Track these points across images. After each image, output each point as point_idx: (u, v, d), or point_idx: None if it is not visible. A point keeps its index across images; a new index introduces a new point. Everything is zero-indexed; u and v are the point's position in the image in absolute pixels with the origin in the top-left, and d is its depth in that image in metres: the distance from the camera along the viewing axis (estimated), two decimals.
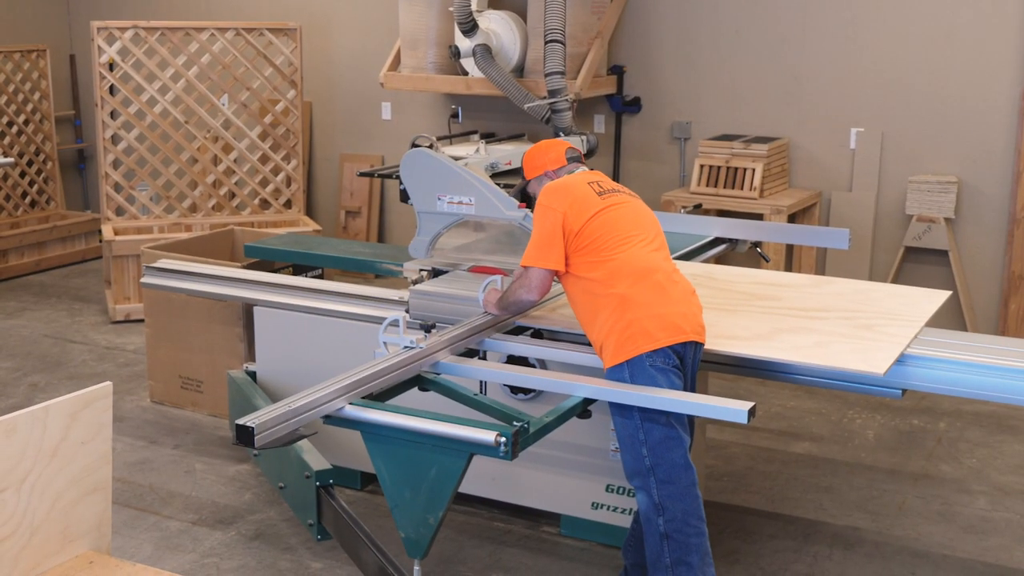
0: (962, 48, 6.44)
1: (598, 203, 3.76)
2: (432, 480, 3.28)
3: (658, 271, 3.67)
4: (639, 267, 3.64)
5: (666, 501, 3.56)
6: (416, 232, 4.68)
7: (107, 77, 7.58)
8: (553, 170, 4.03)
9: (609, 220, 3.73)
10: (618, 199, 3.82)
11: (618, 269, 3.64)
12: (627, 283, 3.61)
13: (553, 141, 4.19)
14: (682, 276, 3.79)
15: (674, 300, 3.63)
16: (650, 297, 3.60)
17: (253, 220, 7.92)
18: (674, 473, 3.55)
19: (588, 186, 3.82)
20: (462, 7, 6.56)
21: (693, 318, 3.66)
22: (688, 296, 3.71)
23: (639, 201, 3.92)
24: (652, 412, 3.52)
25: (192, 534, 4.53)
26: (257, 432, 3.09)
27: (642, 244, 3.72)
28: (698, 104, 7.23)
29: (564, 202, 3.74)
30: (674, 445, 3.55)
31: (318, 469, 4.09)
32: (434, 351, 3.71)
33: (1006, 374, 3.65)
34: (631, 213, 3.80)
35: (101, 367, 6.51)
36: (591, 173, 3.97)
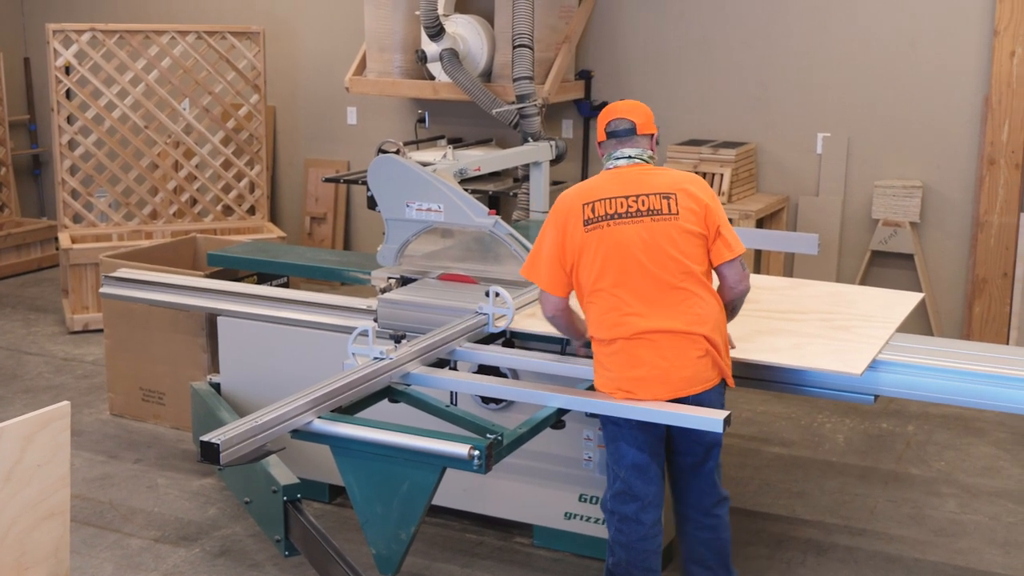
0: (926, 55, 6.47)
1: (579, 237, 3.52)
2: (404, 495, 3.23)
3: (620, 335, 3.45)
4: (604, 331, 3.50)
5: (614, 544, 3.68)
6: (384, 239, 4.62)
7: (63, 81, 7.45)
8: (599, 142, 3.71)
9: (584, 260, 3.52)
10: (598, 234, 3.48)
11: (590, 324, 3.57)
12: (596, 342, 3.55)
13: (609, 108, 3.73)
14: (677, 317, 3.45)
15: (637, 363, 3.44)
16: (615, 361, 3.49)
17: (216, 227, 7.82)
18: (624, 524, 3.64)
19: (582, 209, 3.52)
20: (428, 11, 6.50)
21: (658, 380, 3.44)
22: (660, 355, 3.43)
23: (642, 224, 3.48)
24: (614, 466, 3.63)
25: (155, 552, 4.43)
26: (223, 449, 3.01)
27: (615, 294, 3.47)
28: (666, 109, 7.20)
29: (559, 222, 3.57)
30: (626, 500, 3.62)
31: (285, 483, 4.00)
32: (404, 362, 3.65)
33: (972, 378, 3.67)
34: (606, 250, 3.48)
35: (58, 379, 6.38)
36: (618, 175, 3.59)
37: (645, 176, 3.58)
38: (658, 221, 3.49)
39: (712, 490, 3.74)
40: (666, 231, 3.49)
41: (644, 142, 3.67)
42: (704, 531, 3.76)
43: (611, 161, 3.64)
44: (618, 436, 3.60)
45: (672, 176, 3.61)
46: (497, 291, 4.01)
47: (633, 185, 3.55)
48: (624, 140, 3.63)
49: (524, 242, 4.46)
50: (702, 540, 3.77)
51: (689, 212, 3.52)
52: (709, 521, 3.75)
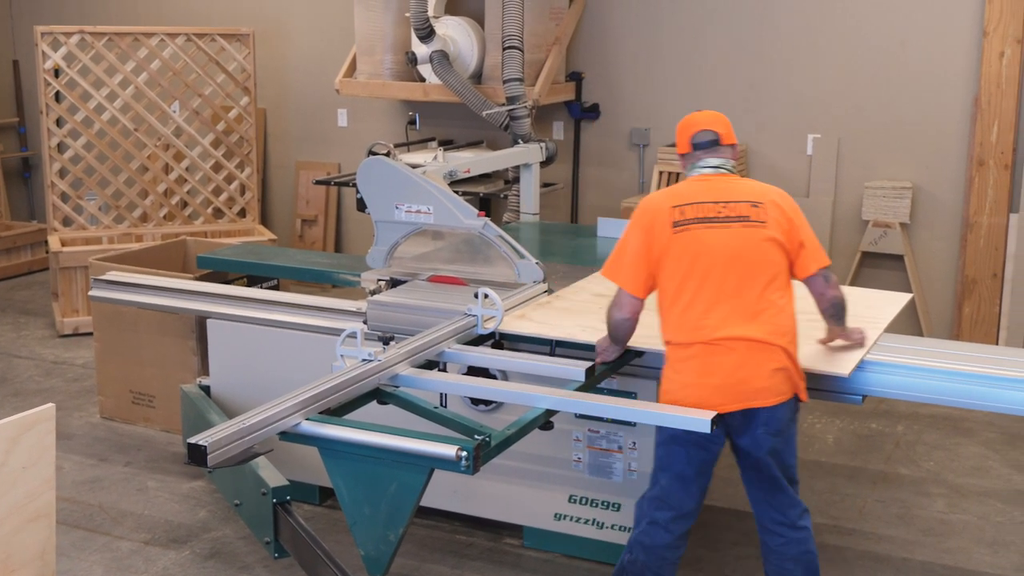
0: (916, 56, 6.49)
1: (667, 238, 3.48)
2: (392, 496, 3.22)
3: (700, 339, 3.41)
4: (681, 336, 3.45)
5: (636, 544, 3.64)
6: (374, 241, 4.61)
7: (52, 83, 7.43)
8: (681, 154, 3.67)
9: (670, 263, 3.48)
10: (687, 236, 3.46)
11: (666, 329, 3.52)
12: (672, 344, 3.49)
13: (692, 118, 3.69)
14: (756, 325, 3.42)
15: (710, 371, 3.40)
16: (686, 367, 3.44)
17: (206, 230, 7.81)
18: (652, 528, 3.60)
19: (671, 212, 3.49)
20: (419, 13, 6.50)
21: (732, 389, 3.41)
22: (735, 363, 3.40)
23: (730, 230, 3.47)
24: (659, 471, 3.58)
25: (144, 554, 4.42)
26: (210, 451, 3.00)
27: (692, 298, 3.44)
28: (657, 111, 7.22)
29: (644, 222, 3.53)
30: (662, 506, 3.59)
31: (275, 486, 4.01)
32: (393, 364, 3.64)
33: (962, 379, 3.69)
34: (692, 254, 3.45)
35: (48, 383, 6.37)
36: (705, 181, 3.58)
37: (732, 184, 3.58)
38: (748, 228, 3.48)
39: (795, 500, 3.64)
40: (755, 238, 3.48)
41: (727, 152, 3.65)
42: (792, 546, 3.64)
43: (696, 170, 3.62)
44: (671, 444, 3.52)
45: (759, 186, 3.62)
46: (486, 293, 4.01)
47: (722, 192, 3.54)
48: (709, 151, 3.61)
49: (514, 244, 4.47)
50: (791, 556, 3.65)
51: (776, 222, 3.52)
52: (797, 535, 3.64)
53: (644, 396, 4.07)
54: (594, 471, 4.25)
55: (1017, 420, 5.72)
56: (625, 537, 4.23)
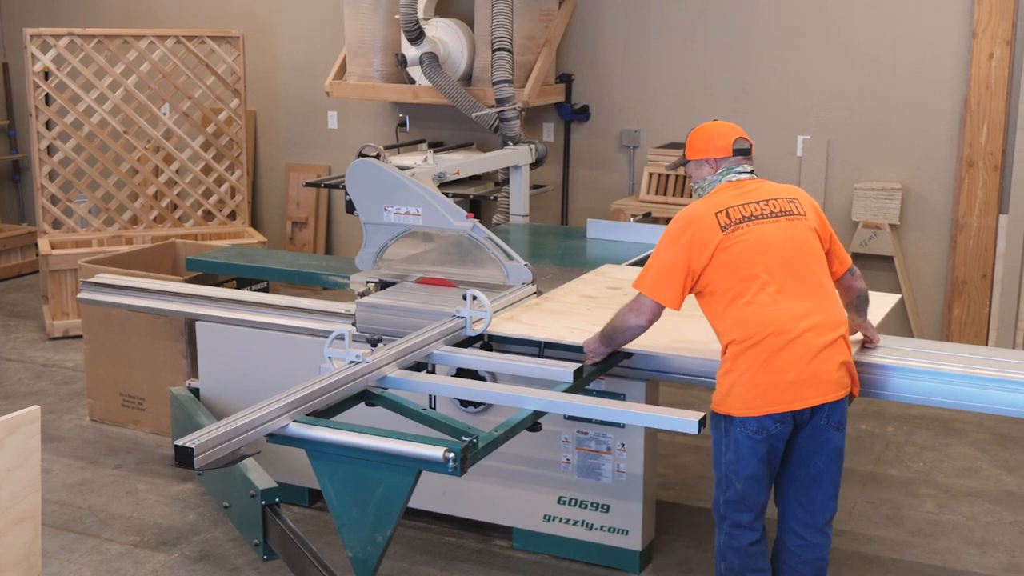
0: (906, 57, 6.50)
1: (716, 240, 3.46)
2: (380, 498, 3.21)
3: (770, 332, 3.37)
4: (750, 330, 3.39)
5: (727, 550, 3.59)
6: (363, 243, 4.61)
7: (42, 86, 7.42)
8: (715, 158, 3.67)
9: (726, 262, 3.45)
10: (742, 234, 3.46)
11: (729, 329, 3.45)
12: (736, 346, 3.42)
13: (725, 126, 3.76)
14: (822, 315, 3.43)
15: (782, 368, 3.37)
16: (755, 364, 3.39)
17: (196, 232, 7.80)
18: (737, 531, 3.56)
19: (716, 217, 3.50)
20: (408, 15, 6.50)
21: (804, 384, 3.39)
22: (807, 356, 3.38)
23: (779, 223, 3.51)
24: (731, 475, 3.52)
25: (134, 557, 4.41)
26: (197, 453, 3.00)
27: (761, 293, 3.41)
28: (647, 112, 7.23)
29: (687, 238, 3.49)
30: (742, 508, 3.54)
31: (263, 488, 4.00)
32: (381, 365, 3.64)
33: (951, 379, 3.69)
34: (755, 248, 3.45)
35: (38, 385, 6.35)
36: (740, 186, 3.61)
37: (764, 186, 3.64)
38: (792, 220, 3.54)
39: (830, 504, 3.60)
40: (801, 229, 3.53)
41: (752, 160, 3.75)
42: (808, 550, 3.61)
43: (731, 174, 3.65)
44: (739, 446, 3.47)
45: (786, 186, 3.69)
46: (475, 294, 4.01)
47: (758, 193, 3.59)
48: (746, 157, 3.69)
49: (502, 245, 4.47)
50: (804, 559, 3.62)
51: (811, 214, 3.59)
52: (817, 539, 3.61)
53: (632, 397, 4.08)
54: (583, 472, 4.25)
55: (1007, 421, 5.73)
56: (614, 538, 4.26)
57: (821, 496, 3.58)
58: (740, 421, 3.44)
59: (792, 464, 3.58)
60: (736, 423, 3.45)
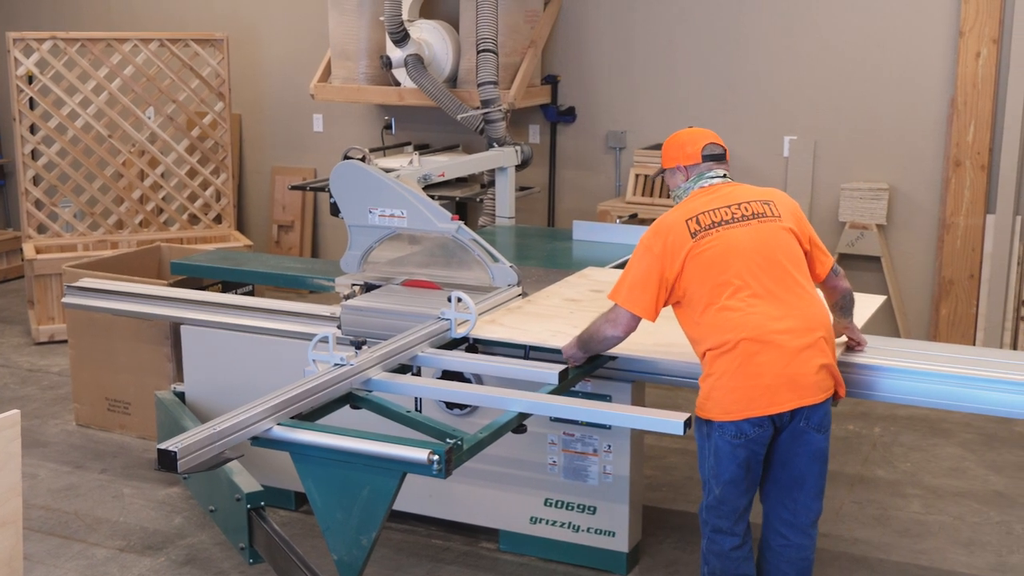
0: (892, 57, 6.50)
1: (687, 247, 3.46)
2: (364, 501, 3.20)
3: (744, 337, 3.36)
4: (724, 336, 3.39)
5: (708, 554, 3.60)
6: (348, 246, 4.60)
7: (25, 90, 7.39)
8: (686, 165, 3.68)
9: (697, 269, 3.45)
10: (711, 239, 3.46)
11: (705, 336, 3.45)
12: (713, 353, 3.42)
13: (696, 132, 3.77)
14: (799, 318, 3.41)
15: (758, 372, 3.36)
16: (731, 368, 3.38)
17: (182, 236, 7.77)
18: (718, 535, 3.58)
19: (686, 224, 3.49)
20: (393, 17, 6.49)
21: (783, 387, 3.38)
22: (784, 359, 3.37)
23: (750, 227, 3.50)
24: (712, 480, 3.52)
25: (120, 561, 4.39)
26: (180, 456, 2.98)
27: (734, 298, 3.41)
28: (633, 113, 7.22)
29: (660, 247, 3.50)
30: (722, 513, 3.55)
31: (249, 491, 3.99)
32: (365, 368, 3.62)
33: (939, 380, 3.69)
34: (724, 254, 3.44)
35: (24, 390, 6.32)
36: (712, 191, 3.60)
37: (737, 189, 3.63)
38: (764, 223, 3.52)
39: (813, 505, 3.60)
40: (774, 232, 3.52)
41: (727, 166, 3.75)
42: (792, 550, 3.61)
43: (703, 180, 3.65)
44: (718, 451, 3.47)
45: (761, 189, 3.68)
46: (459, 296, 4.00)
47: (730, 197, 3.58)
48: (718, 163, 3.69)
49: (487, 247, 4.45)
50: (788, 559, 3.62)
51: (788, 216, 3.57)
52: (802, 540, 3.61)
53: (618, 399, 4.07)
54: (569, 474, 4.24)
55: (994, 421, 5.74)
56: (601, 540, 4.25)
57: (804, 497, 3.58)
58: (719, 426, 3.44)
59: (775, 466, 3.58)
60: (716, 427, 3.45)
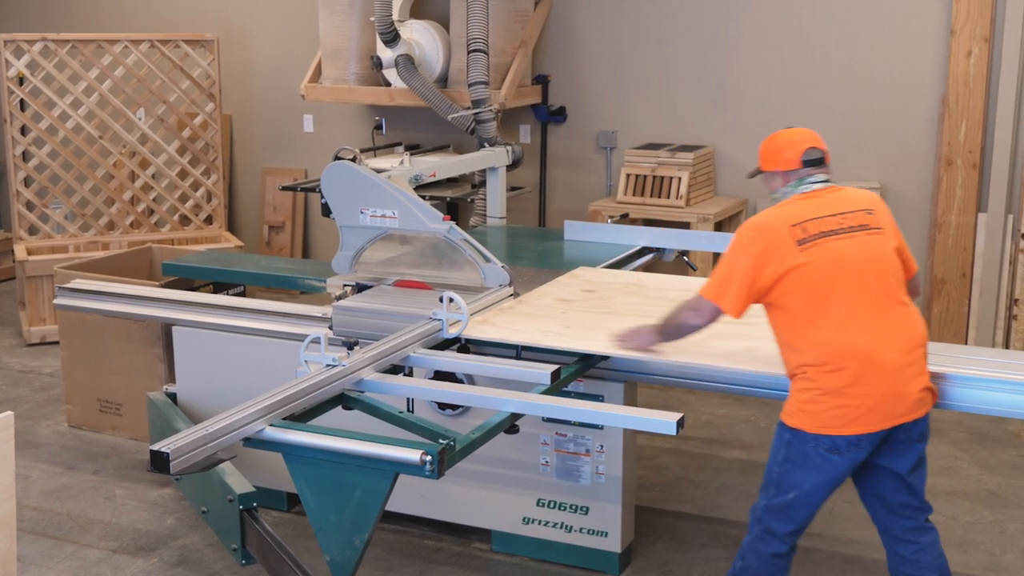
0: (884, 56, 6.51)
1: (792, 257, 3.34)
2: (357, 501, 3.20)
3: (854, 360, 3.29)
4: (831, 357, 3.31)
5: (749, 551, 3.55)
6: (339, 246, 4.59)
7: (16, 91, 7.38)
8: (784, 171, 3.55)
9: (803, 281, 3.34)
10: (817, 251, 3.35)
11: (808, 349, 3.35)
12: (814, 368, 3.33)
13: (795, 135, 3.61)
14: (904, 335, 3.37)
15: (864, 392, 3.30)
16: (836, 387, 3.30)
17: (173, 237, 7.76)
18: (771, 538, 3.52)
19: (790, 230, 3.36)
20: (383, 17, 6.48)
21: (888, 407, 3.33)
22: (891, 380, 3.32)
23: (856, 239, 3.39)
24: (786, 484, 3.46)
25: (112, 562, 4.39)
26: (173, 457, 2.98)
27: (837, 316, 3.32)
28: (624, 113, 7.22)
29: (759, 248, 3.38)
30: (783, 520, 3.50)
31: (241, 492, 3.99)
32: (357, 368, 3.62)
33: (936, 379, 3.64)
34: (830, 268, 3.34)
35: (16, 392, 6.31)
36: (815, 196, 3.48)
37: (841, 195, 3.52)
38: (870, 235, 3.43)
39: (926, 504, 3.57)
40: (879, 245, 3.44)
41: (828, 169, 3.63)
42: (927, 551, 3.56)
43: (804, 185, 3.52)
44: (805, 461, 3.40)
45: (861, 192, 3.58)
46: (451, 297, 4.00)
47: (835, 204, 3.47)
48: (819, 167, 3.56)
49: (479, 247, 4.45)
50: (926, 563, 3.56)
51: (888, 226, 3.50)
52: (931, 536, 3.57)
53: (610, 399, 4.08)
54: (562, 474, 4.24)
55: (986, 420, 5.74)
56: (594, 540, 4.25)
57: (915, 500, 3.56)
58: (813, 438, 3.36)
59: (885, 478, 3.54)
60: (808, 439, 3.37)
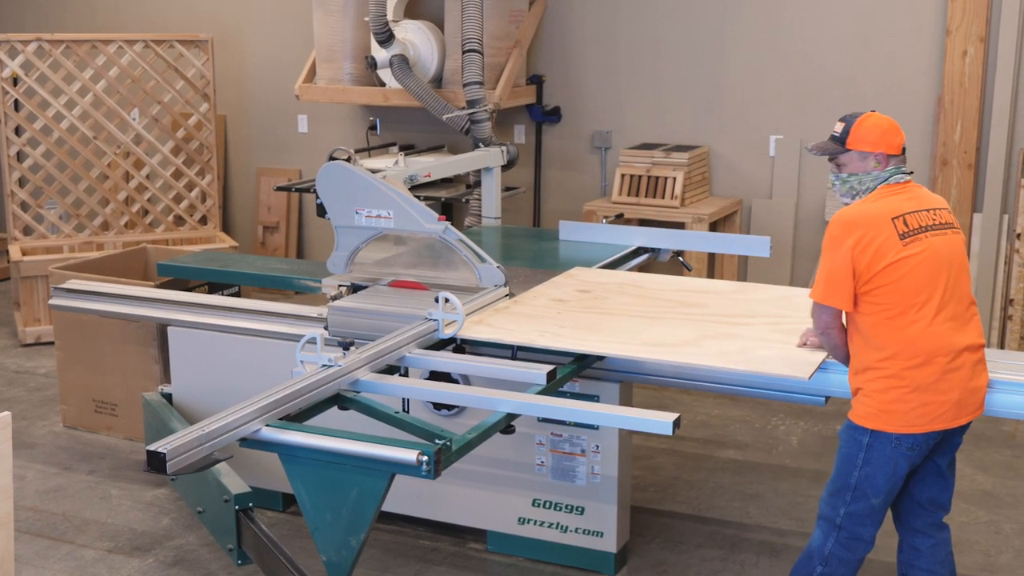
0: (879, 55, 6.52)
1: (896, 250, 3.33)
2: (353, 502, 3.20)
3: (943, 353, 3.32)
4: (923, 349, 3.32)
5: (832, 557, 3.55)
6: (335, 247, 4.59)
7: (10, 92, 7.37)
8: (887, 154, 3.48)
9: (902, 276, 3.33)
10: (920, 246, 3.35)
11: (892, 343, 3.35)
12: (902, 363, 3.34)
13: (893, 122, 3.56)
14: (975, 332, 3.42)
15: (949, 387, 3.34)
16: (925, 383, 3.33)
17: (168, 237, 7.76)
18: (855, 543, 3.54)
19: (892, 223, 3.36)
20: (378, 17, 6.48)
21: (965, 403, 3.38)
22: (968, 375, 3.37)
23: (947, 236, 3.42)
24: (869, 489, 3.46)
25: (108, 563, 4.39)
26: (169, 458, 2.98)
27: (936, 311, 3.33)
28: (618, 113, 7.23)
29: (858, 239, 3.35)
30: (867, 523, 3.51)
31: (237, 492, 3.99)
32: (353, 369, 3.62)
33: None
34: (929, 262, 3.35)
35: (11, 392, 6.30)
36: (905, 190, 3.47)
37: (924, 192, 3.53)
38: (956, 234, 3.48)
39: (950, 498, 3.63)
40: (961, 244, 3.48)
41: None
42: (942, 547, 3.60)
43: (897, 175, 3.50)
44: (887, 461, 3.41)
45: (933, 194, 3.58)
46: (447, 297, 4.00)
47: (924, 200, 3.48)
48: (904, 157, 3.57)
49: (475, 248, 4.46)
50: (940, 558, 3.60)
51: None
52: (945, 534, 3.62)
53: (606, 399, 4.09)
54: (557, 475, 4.25)
55: (981, 420, 5.60)
56: (589, 540, 4.26)
57: (943, 496, 3.61)
58: (897, 438, 3.38)
59: (928, 474, 3.56)
60: (891, 440, 3.38)
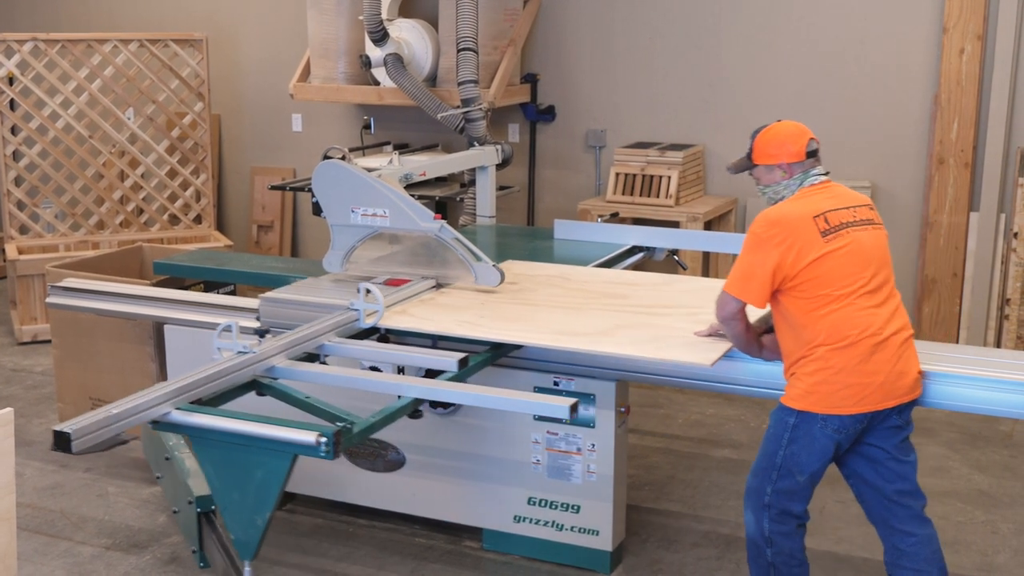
0: (875, 53, 6.51)
1: (819, 247, 3.46)
2: (258, 482, 3.28)
3: (867, 335, 3.42)
4: (846, 332, 3.42)
5: (774, 535, 3.61)
6: (330, 245, 4.60)
7: (6, 91, 7.37)
8: (788, 163, 3.63)
9: (828, 269, 3.46)
10: (843, 240, 3.48)
11: (821, 331, 3.44)
12: (830, 346, 3.43)
13: (795, 127, 3.71)
14: (900, 319, 3.52)
15: (875, 370, 3.43)
16: (849, 364, 3.42)
17: (163, 236, 7.77)
18: (786, 517, 3.60)
19: (814, 221, 3.48)
20: (372, 16, 6.48)
21: (892, 386, 3.47)
22: (894, 358, 3.46)
23: (868, 231, 3.55)
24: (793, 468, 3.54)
25: (106, 559, 4.40)
26: (74, 438, 3.07)
27: (858, 298, 3.45)
28: (613, 112, 7.23)
29: (782, 239, 3.46)
30: (796, 499, 3.58)
31: (199, 494, 4.04)
32: (268, 356, 3.69)
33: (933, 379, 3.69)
34: (853, 255, 3.48)
35: (8, 390, 6.31)
36: (824, 190, 3.61)
37: (843, 191, 3.66)
38: (877, 230, 3.60)
39: (920, 491, 3.65)
40: (883, 239, 3.61)
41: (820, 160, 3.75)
42: (924, 544, 3.61)
43: (811, 178, 3.63)
44: (814, 442, 3.50)
45: (855, 192, 3.70)
46: (368, 288, 4.07)
47: (844, 198, 3.61)
48: (817, 159, 3.68)
49: (470, 246, 4.46)
50: (926, 557, 3.61)
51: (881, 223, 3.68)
52: (927, 529, 3.64)
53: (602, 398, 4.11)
54: (553, 473, 4.25)
55: (977, 420, 5.75)
56: (585, 538, 4.26)
57: (909, 486, 3.63)
58: (822, 418, 3.46)
59: (876, 463, 3.62)
60: (817, 420, 3.47)
